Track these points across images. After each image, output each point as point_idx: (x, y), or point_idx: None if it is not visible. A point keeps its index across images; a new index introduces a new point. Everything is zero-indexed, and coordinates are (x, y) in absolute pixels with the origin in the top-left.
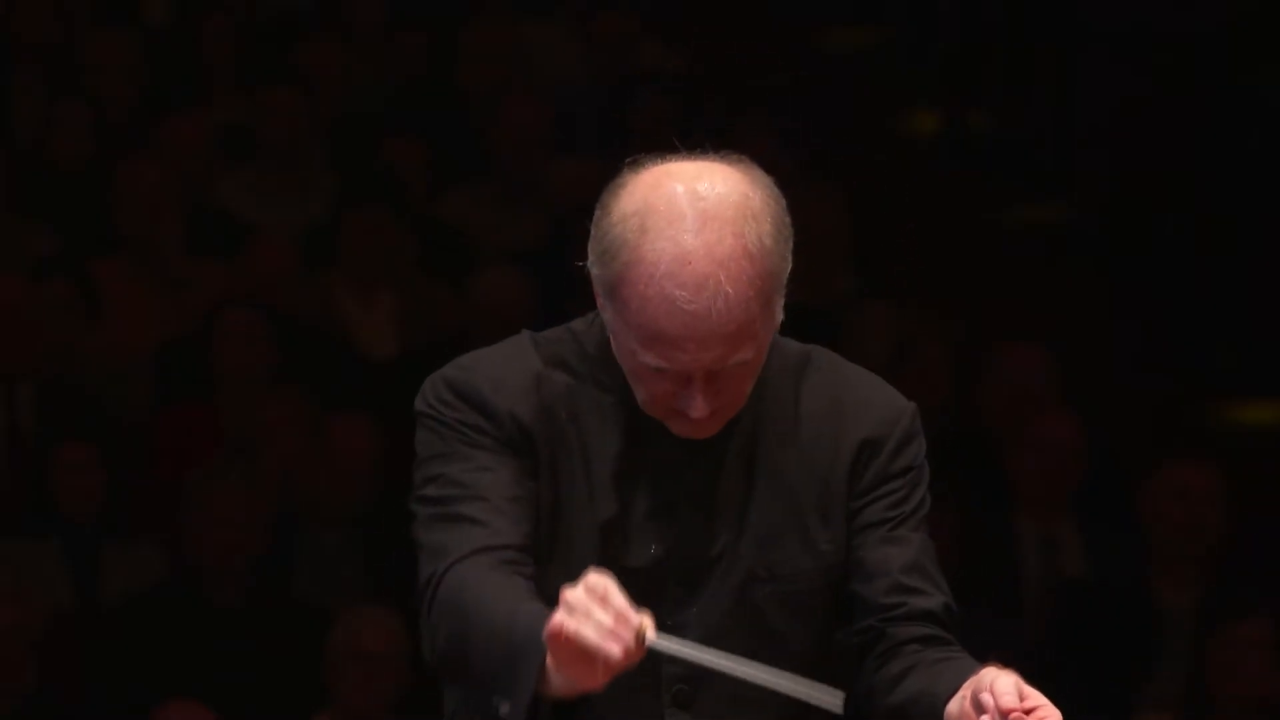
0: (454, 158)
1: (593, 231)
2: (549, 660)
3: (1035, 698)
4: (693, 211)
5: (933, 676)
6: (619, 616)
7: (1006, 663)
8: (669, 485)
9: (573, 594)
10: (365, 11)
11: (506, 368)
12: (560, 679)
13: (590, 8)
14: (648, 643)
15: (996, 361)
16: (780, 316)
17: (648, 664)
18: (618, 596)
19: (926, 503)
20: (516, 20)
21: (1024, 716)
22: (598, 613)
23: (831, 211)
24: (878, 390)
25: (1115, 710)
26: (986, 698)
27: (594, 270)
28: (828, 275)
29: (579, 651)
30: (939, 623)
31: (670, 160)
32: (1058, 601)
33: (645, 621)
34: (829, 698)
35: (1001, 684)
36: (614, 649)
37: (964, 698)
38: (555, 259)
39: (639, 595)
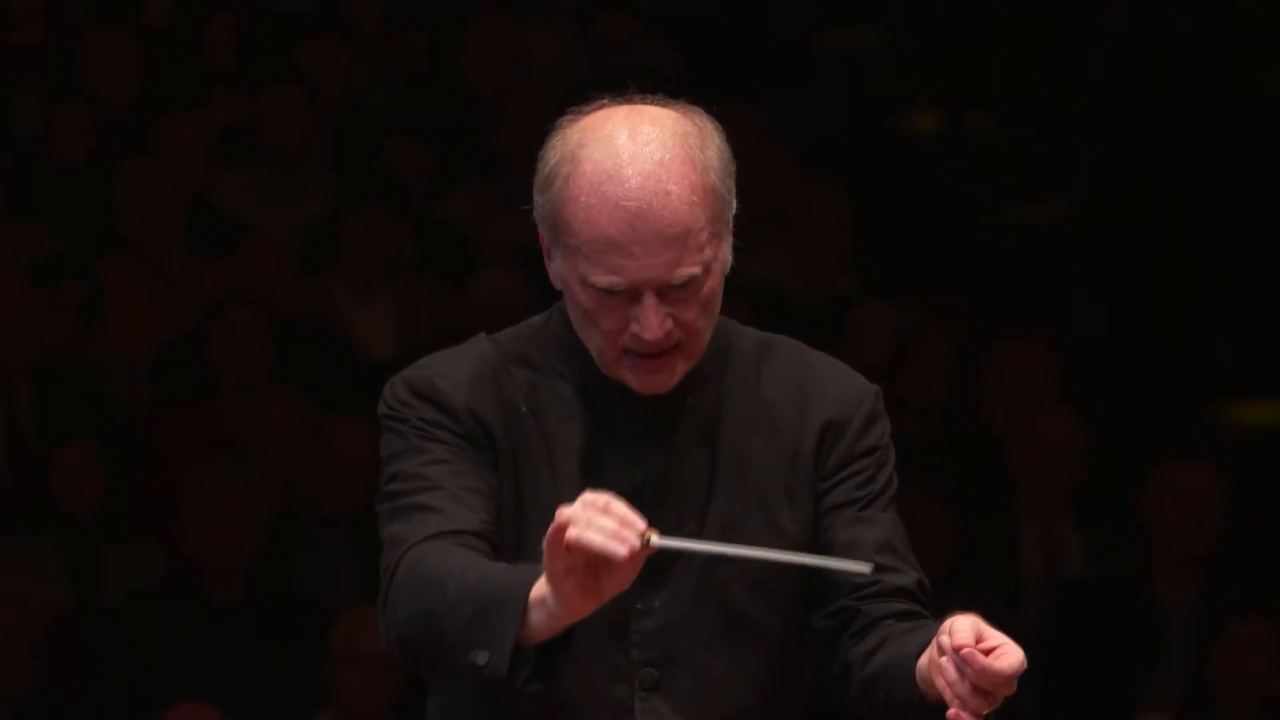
0: (454, 158)
1: (535, 176)
2: (540, 586)
3: (995, 637)
4: (630, 126)
5: (904, 643)
6: (623, 521)
7: None
8: (633, 473)
9: (570, 509)
10: (365, 11)
11: (464, 365)
12: (544, 614)
13: (590, 8)
14: (653, 544)
15: (996, 361)
16: (730, 259)
17: (617, 648)
18: (619, 504)
19: (894, 483)
20: (516, 20)
21: (975, 651)
22: (600, 519)
23: (831, 211)
24: (841, 374)
25: (1115, 710)
26: (945, 639)
27: (537, 201)
28: (828, 275)
29: (582, 563)
30: (914, 599)
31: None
32: (1058, 601)
33: (649, 529)
34: (857, 565)
35: (959, 623)
36: (620, 549)
37: (931, 649)
38: None
39: None
